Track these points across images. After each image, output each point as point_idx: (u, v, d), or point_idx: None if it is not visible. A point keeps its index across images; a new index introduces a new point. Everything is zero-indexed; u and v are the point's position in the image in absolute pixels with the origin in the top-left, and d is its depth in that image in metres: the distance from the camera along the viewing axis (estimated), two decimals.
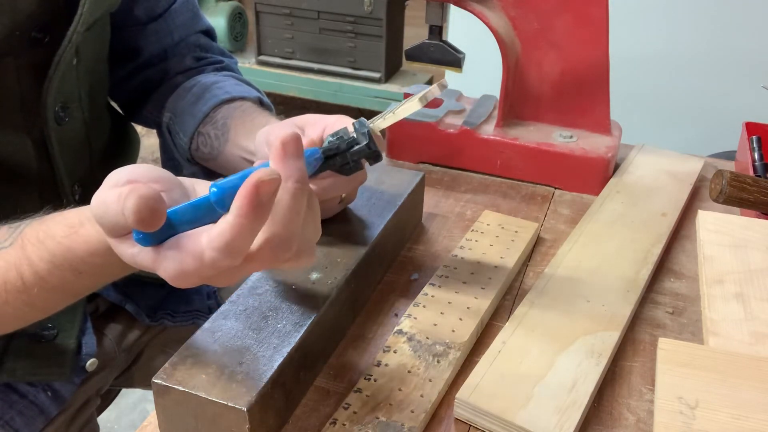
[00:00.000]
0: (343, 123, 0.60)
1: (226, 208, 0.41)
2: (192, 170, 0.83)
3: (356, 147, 0.54)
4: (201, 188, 0.48)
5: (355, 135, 0.55)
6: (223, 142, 0.74)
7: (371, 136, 0.55)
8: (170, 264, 0.43)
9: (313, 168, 0.52)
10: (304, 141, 0.58)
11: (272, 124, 0.67)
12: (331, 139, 0.55)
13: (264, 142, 0.63)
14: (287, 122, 0.65)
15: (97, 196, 0.44)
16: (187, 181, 0.48)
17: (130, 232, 0.44)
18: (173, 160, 0.86)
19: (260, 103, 0.80)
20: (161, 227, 0.42)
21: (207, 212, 0.43)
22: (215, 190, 0.42)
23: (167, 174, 0.47)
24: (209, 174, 0.83)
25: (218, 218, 0.43)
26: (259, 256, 0.43)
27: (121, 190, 0.42)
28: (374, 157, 0.56)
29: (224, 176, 0.45)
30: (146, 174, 0.45)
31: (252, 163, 0.70)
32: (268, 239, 0.43)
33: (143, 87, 0.84)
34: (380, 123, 0.57)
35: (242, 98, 0.78)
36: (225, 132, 0.74)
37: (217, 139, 0.75)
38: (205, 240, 0.41)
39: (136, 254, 0.44)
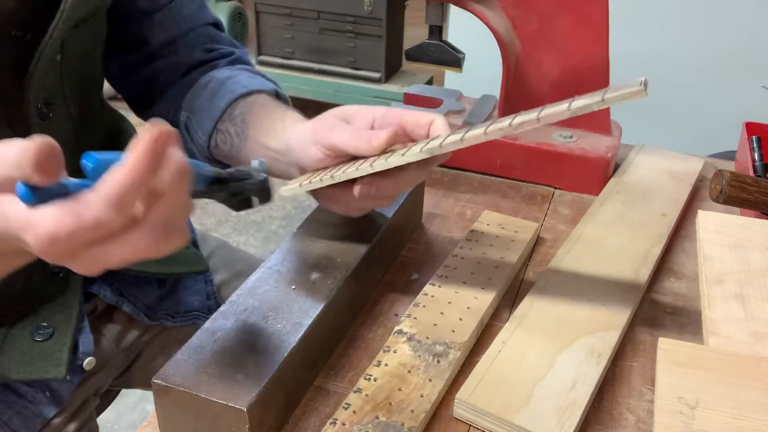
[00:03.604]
0: (392, 114, 0.62)
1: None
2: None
3: (249, 181, 0.57)
4: None
5: (249, 170, 0.57)
6: (243, 140, 0.73)
7: (267, 177, 0.58)
8: (44, 223, 0.39)
9: (203, 181, 0.53)
10: (352, 130, 0.60)
11: (307, 123, 0.66)
12: (230, 169, 0.57)
13: (311, 143, 0.62)
14: (329, 119, 0.64)
15: None
16: None
17: (8, 189, 0.41)
18: (193, 159, 0.85)
19: (276, 95, 0.80)
20: (49, 188, 0.39)
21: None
22: (90, 165, 0.40)
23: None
24: None
25: None
26: (142, 222, 0.41)
27: (9, 142, 0.40)
28: (266, 197, 0.58)
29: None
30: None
31: (277, 160, 0.70)
32: (155, 208, 0.41)
33: (153, 80, 0.83)
34: (316, 182, 0.59)
35: (259, 91, 0.77)
36: (244, 129, 0.73)
37: (237, 136, 0.74)
38: (92, 193, 0.39)
39: (9, 212, 0.40)
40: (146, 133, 0.39)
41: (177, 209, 0.43)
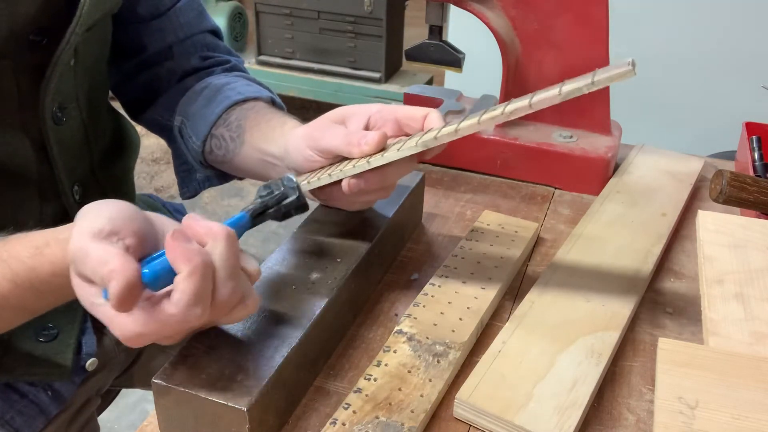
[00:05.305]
0: (387, 110, 0.63)
1: (157, 287, 0.46)
2: (206, 174, 0.83)
3: (287, 200, 0.59)
4: (169, 230, 0.50)
5: (284, 189, 0.59)
6: (239, 144, 0.74)
7: (300, 190, 0.59)
8: (130, 326, 0.45)
9: (244, 228, 0.56)
10: (344, 134, 0.61)
11: (303, 126, 0.66)
12: (262, 194, 0.59)
13: (306, 147, 0.63)
14: (324, 122, 0.64)
15: (79, 243, 0.46)
16: (158, 224, 0.51)
17: (91, 281, 0.47)
18: (186, 164, 0.86)
19: (272, 102, 0.80)
20: None
21: (169, 279, 0.46)
22: (147, 271, 0.45)
23: (141, 221, 0.49)
24: (223, 177, 0.83)
25: None
26: (214, 310, 0.46)
27: (107, 255, 0.44)
28: (302, 209, 0.60)
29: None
30: (128, 224, 0.48)
31: (274, 165, 0.70)
32: (218, 294, 0.46)
33: (149, 85, 0.83)
34: (315, 182, 0.61)
35: (255, 99, 0.77)
36: (240, 134, 0.73)
37: (233, 141, 0.74)
38: (170, 306, 0.45)
39: (96, 304, 0.47)
40: (170, 234, 0.45)
41: (234, 278, 0.47)
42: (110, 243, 0.46)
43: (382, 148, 0.59)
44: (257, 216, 0.57)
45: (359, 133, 0.60)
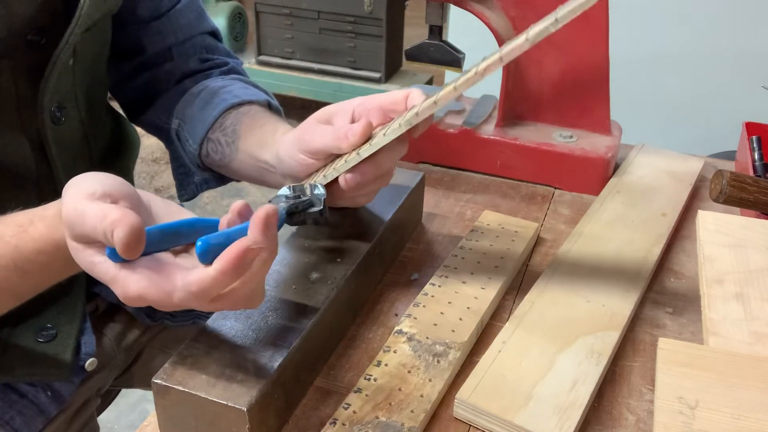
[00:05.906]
0: (370, 101, 0.63)
1: (207, 262, 0.45)
2: (203, 176, 0.83)
3: (311, 210, 0.59)
4: (156, 204, 0.51)
5: (311, 198, 0.59)
6: (234, 150, 0.74)
7: (325, 203, 0.59)
8: (133, 284, 0.45)
9: (278, 227, 0.55)
10: (330, 131, 0.61)
11: (292, 131, 0.66)
12: (288, 194, 0.59)
13: (298, 151, 0.64)
14: (311, 123, 0.65)
15: (73, 204, 0.46)
16: (144, 196, 0.51)
17: (95, 241, 0.46)
18: (184, 167, 0.86)
19: (269, 105, 0.80)
20: None
21: (174, 240, 0.47)
22: (200, 243, 0.46)
23: (132, 189, 0.49)
24: (221, 179, 0.83)
25: (181, 244, 0.48)
26: (219, 300, 0.46)
27: (105, 209, 0.44)
28: (321, 222, 0.60)
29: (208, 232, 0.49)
30: (118, 189, 0.48)
31: (270, 172, 0.70)
32: (233, 291, 0.46)
33: (148, 87, 0.83)
34: (321, 180, 0.61)
35: (250, 102, 0.77)
36: (235, 139, 0.73)
37: (228, 146, 0.74)
38: (180, 281, 0.44)
39: (96, 263, 0.46)
40: (238, 247, 0.44)
41: (259, 282, 0.48)
42: (105, 202, 0.46)
43: (368, 137, 0.60)
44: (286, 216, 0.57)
45: (345, 127, 0.60)
